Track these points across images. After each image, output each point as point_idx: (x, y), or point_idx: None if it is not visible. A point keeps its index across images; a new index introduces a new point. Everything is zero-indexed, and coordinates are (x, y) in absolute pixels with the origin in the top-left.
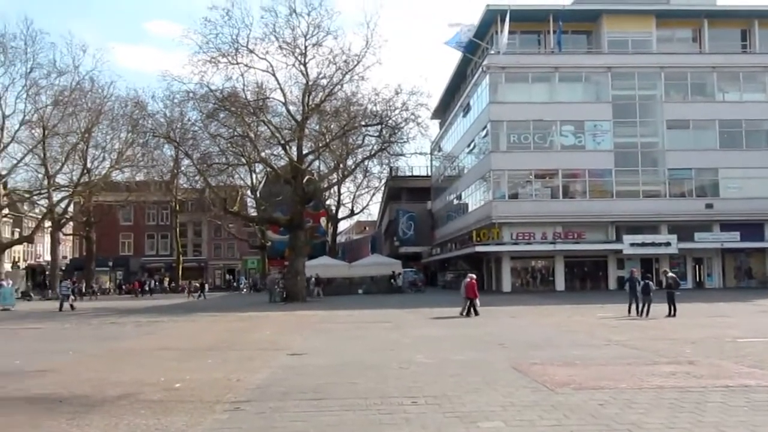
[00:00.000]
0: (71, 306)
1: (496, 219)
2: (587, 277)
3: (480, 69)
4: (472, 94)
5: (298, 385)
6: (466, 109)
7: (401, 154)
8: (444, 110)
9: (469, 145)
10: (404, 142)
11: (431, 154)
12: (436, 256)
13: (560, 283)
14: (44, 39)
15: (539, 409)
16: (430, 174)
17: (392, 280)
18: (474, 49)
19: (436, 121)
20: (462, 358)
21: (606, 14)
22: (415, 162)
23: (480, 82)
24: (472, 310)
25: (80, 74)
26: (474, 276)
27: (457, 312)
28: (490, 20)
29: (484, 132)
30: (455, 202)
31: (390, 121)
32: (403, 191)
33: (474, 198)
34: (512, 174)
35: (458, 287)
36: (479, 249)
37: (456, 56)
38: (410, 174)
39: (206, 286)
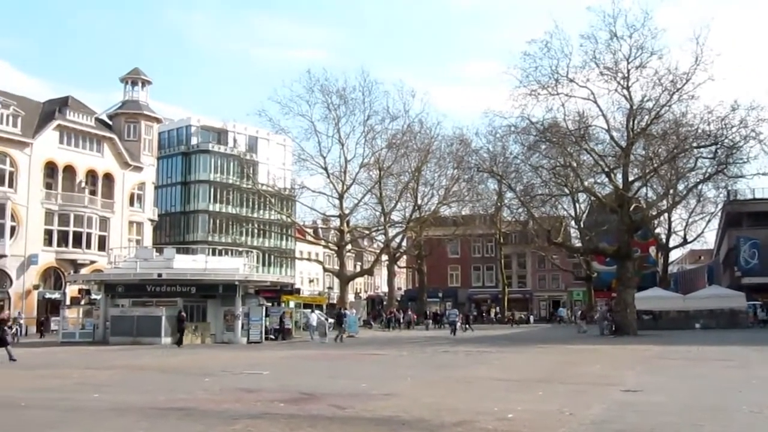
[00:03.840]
0: (454, 331)
1: None
2: None
3: None
4: None
5: (635, 423)
6: None
7: (741, 176)
8: None
9: None
10: (744, 162)
11: None
12: None
13: None
14: (378, 88)
15: None
16: None
17: None
18: None
19: None
20: None
21: None
22: (758, 183)
23: None
24: None
25: (410, 117)
26: None
27: None
28: None
29: None
30: None
31: (726, 141)
32: (744, 216)
33: None
34: None
35: None
36: None
37: None
38: (752, 197)
39: (470, 317)
